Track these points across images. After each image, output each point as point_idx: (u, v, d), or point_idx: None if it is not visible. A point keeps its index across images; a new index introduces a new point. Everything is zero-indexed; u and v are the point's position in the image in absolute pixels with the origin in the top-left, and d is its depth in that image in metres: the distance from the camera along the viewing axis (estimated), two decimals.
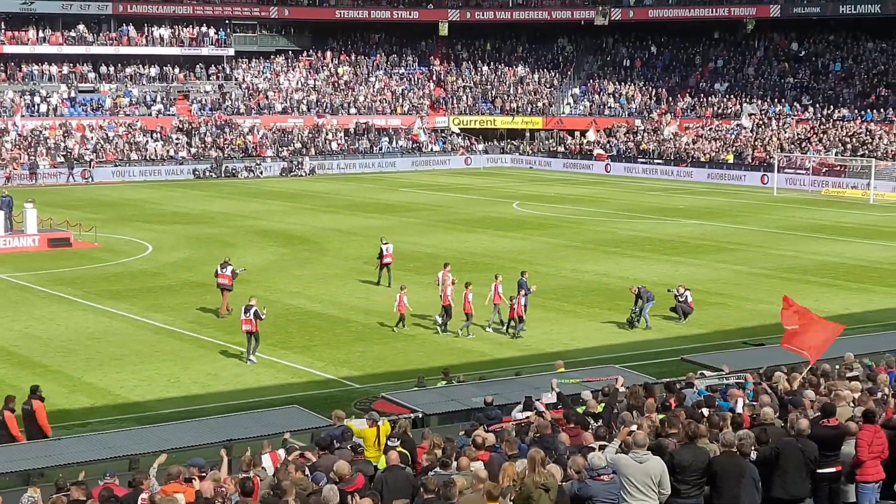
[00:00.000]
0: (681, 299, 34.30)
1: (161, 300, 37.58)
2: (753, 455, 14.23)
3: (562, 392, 20.22)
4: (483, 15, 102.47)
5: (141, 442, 19.78)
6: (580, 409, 18.84)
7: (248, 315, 29.63)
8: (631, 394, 19.00)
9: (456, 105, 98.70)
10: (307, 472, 15.34)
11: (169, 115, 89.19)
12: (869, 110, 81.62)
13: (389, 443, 16.75)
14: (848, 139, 77.70)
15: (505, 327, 33.30)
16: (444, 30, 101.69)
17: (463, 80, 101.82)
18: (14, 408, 21.82)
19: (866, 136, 77.73)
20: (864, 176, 70.26)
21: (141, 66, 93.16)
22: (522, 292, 33.06)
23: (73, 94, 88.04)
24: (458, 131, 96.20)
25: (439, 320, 33.54)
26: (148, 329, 33.57)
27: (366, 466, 15.74)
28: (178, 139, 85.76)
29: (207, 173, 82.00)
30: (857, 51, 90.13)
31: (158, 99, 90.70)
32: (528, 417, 18.68)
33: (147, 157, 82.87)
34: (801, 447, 14.31)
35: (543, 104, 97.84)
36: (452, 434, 17.88)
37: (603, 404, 19.25)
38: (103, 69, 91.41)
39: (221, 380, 28.06)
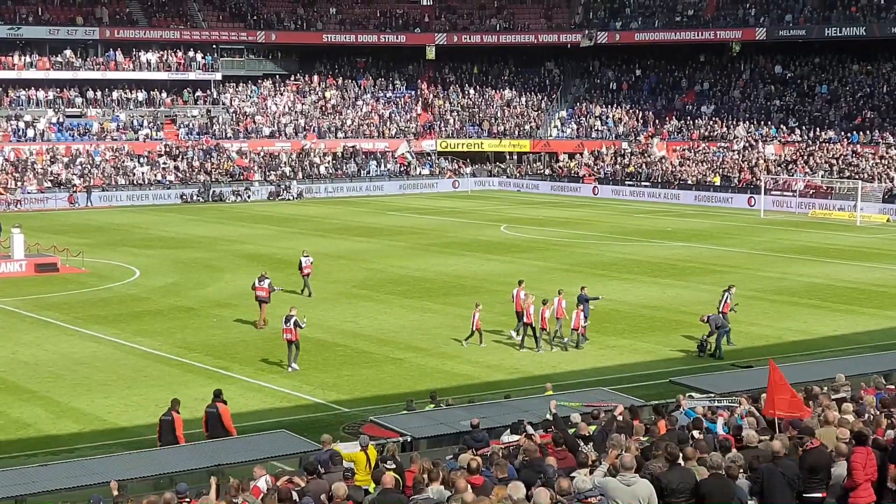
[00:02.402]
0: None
1: (148, 325, 37.49)
2: (743, 478, 14.22)
3: (558, 414, 20.22)
4: (470, 38, 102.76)
5: (129, 468, 19.71)
6: (571, 431, 18.83)
7: (288, 325, 31.07)
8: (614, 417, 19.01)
9: (443, 128, 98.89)
10: (295, 497, 15.28)
11: (156, 139, 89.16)
12: (855, 132, 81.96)
13: (383, 466, 16.71)
14: (834, 161, 78.01)
15: (552, 339, 34.22)
16: (431, 53, 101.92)
17: (450, 104, 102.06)
18: (179, 410, 23.20)
19: (853, 158, 78.05)
20: (850, 198, 70.50)
21: (128, 90, 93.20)
22: (581, 307, 34.21)
23: (60, 119, 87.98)
24: (431, 152, 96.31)
25: (514, 336, 34.39)
26: (135, 354, 33.48)
27: (356, 492, 15.68)
28: (165, 163, 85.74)
29: (195, 198, 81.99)
30: (842, 73, 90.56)
31: (146, 123, 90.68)
32: (517, 441, 18.66)
33: (134, 182, 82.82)
34: (781, 470, 14.29)
35: (531, 127, 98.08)
36: (441, 458, 17.85)
37: (594, 426, 19.25)
38: (90, 94, 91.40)
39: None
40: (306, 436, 22.26)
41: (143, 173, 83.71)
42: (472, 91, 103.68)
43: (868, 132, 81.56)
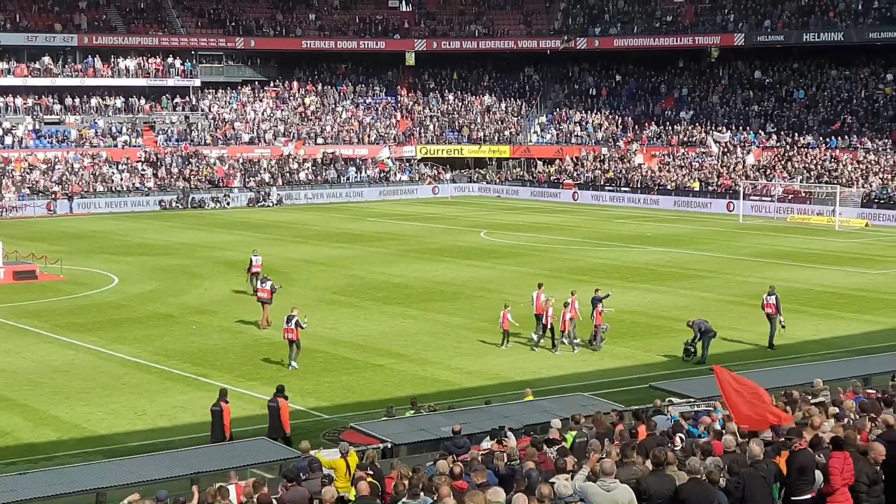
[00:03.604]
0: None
1: (127, 332, 37.35)
2: (723, 483, 14.22)
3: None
4: (449, 45, 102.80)
5: (108, 476, 19.63)
6: (545, 438, 18.84)
7: (290, 324, 31.86)
8: (595, 421, 19.01)
9: (423, 134, 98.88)
10: None
11: (135, 146, 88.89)
12: (833, 137, 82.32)
13: (359, 473, 16.67)
14: (813, 166, 78.30)
15: (570, 340, 34.59)
16: (410, 60, 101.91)
17: (430, 110, 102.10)
18: (228, 400, 24.20)
19: (831, 163, 78.37)
20: (829, 203, 70.77)
21: (106, 97, 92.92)
22: (599, 308, 34.75)
23: (38, 127, 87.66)
24: (411, 158, 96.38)
25: (535, 338, 34.90)
26: (114, 361, 33.35)
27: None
28: (143, 170, 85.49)
29: (174, 204, 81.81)
30: (820, 79, 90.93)
31: (124, 130, 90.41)
32: (489, 447, 18.68)
33: (112, 189, 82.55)
34: (762, 474, 14.30)
35: (510, 133, 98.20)
36: (421, 464, 17.81)
37: (574, 432, 19.25)
38: (69, 101, 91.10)
39: (188, 412, 27.87)
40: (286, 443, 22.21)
41: (121, 180, 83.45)
42: (451, 97, 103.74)
43: (846, 137, 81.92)
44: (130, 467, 20.27)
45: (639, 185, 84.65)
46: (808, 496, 14.72)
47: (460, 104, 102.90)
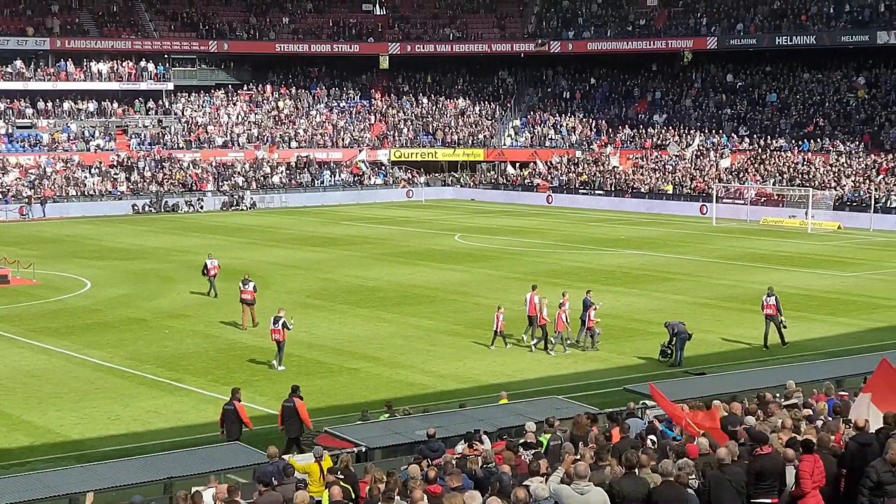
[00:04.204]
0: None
1: (100, 337, 37.19)
2: (696, 485, 14.27)
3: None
4: (423, 48, 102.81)
5: (81, 481, 19.51)
6: (520, 441, 18.85)
7: (276, 325, 32.43)
8: (574, 424, 19.01)
9: (397, 138, 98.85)
10: None
11: (108, 150, 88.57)
12: (805, 140, 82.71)
13: (332, 477, 16.64)
14: (785, 169, 78.65)
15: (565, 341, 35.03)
16: (384, 63, 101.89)
17: (404, 113, 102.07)
18: (241, 398, 24.73)
19: (803, 165, 78.74)
20: (801, 205, 71.10)
21: (79, 101, 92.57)
22: (593, 308, 35.01)
23: (10, 131, 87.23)
24: (385, 162, 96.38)
25: (525, 339, 35.38)
26: (87, 366, 33.20)
27: None
28: (116, 174, 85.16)
29: (147, 208, 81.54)
30: (792, 82, 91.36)
31: (97, 134, 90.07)
32: (461, 452, 18.69)
33: (85, 193, 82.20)
34: (728, 478, 14.34)
35: (485, 136, 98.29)
36: (396, 468, 17.80)
37: (548, 434, 19.27)
38: (41, 104, 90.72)
39: (162, 417, 27.78)
40: (260, 447, 22.11)
41: (94, 184, 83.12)
42: (425, 100, 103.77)
43: (818, 140, 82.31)
44: (103, 472, 20.16)
45: (612, 188, 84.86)
46: (770, 501, 14.75)
47: (434, 107, 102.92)
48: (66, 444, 25.70)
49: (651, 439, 17.84)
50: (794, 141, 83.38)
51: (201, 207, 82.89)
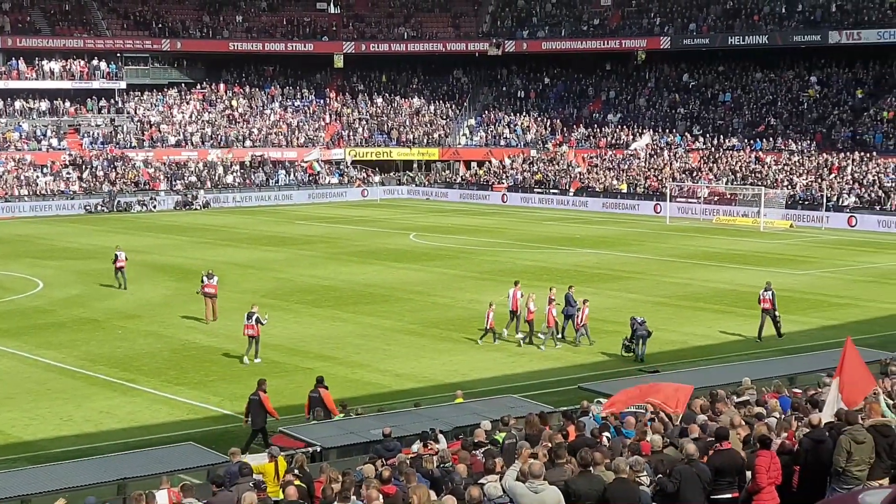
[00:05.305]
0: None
1: (52, 337, 36.89)
2: (647, 481, 14.33)
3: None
4: (378, 47, 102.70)
5: (33, 482, 19.39)
6: (470, 439, 18.87)
7: (250, 321, 32.92)
8: (527, 423, 19.04)
9: (352, 137, 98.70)
10: None
11: (60, 149, 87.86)
12: (758, 139, 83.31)
13: (288, 477, 16.59)
14: (738, 168, 79.19)
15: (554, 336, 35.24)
16: (339, 62, 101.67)
17: (359, 112, 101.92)
18: (266, 389, 25.24)
19: (756, 164, 79.30)
20: (754, 204, 71.58)
21: (31, 99, 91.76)
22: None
23: None
24: (340, 161, 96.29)
25: (507, 333, 35.68)
26: (39, 367, 32.92)
27: None
28: (69, 174, 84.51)
29: (99, 208, 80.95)
30: (745, 81, 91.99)
31: (49, 133, 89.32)
32: (416, 451, 18.69)
33: (37, 192, 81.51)
34: (696, 472, 14.44)
35: (440, 135, 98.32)
36: (351, 467, 17.77)
37: (503, 433, 19.30)
38: None
39: (115, 417, 27.59)
40: (214, 448, 22.04)
41: (46, 183, 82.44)
42: (380, 99, 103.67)
43: (771, 139, 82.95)
44: (56, 473, 20.04)
45: (567, 187, 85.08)
46: (729, 495, 14.86)
47: (389, 106, 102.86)
48: (17, 445, 25.49)
49: (606, 437, 17.90)
50: (746, 140, 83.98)
51: (154, 207, 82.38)
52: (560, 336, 35.60)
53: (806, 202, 72.50)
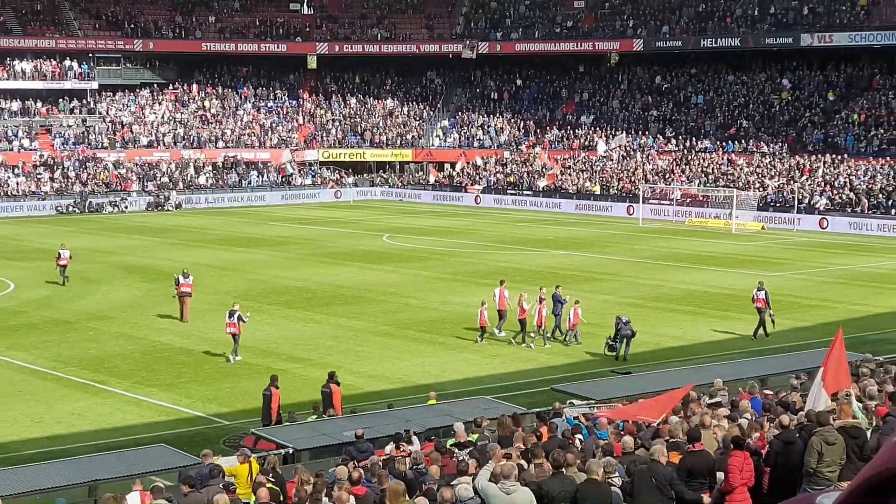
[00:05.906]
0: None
1: (23, 339, 36.68)
2: (619, 482, 14.36)
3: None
4: (352, 48, 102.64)
5: (3, 484, 19.26)
6: (450, 442, 18.85)
7: (232, 319, 33.12)
8: (500, 424, 19.05)
9: (325, 138, 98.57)
10: None
11: (31, 149, 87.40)
12: (730, 141, 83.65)
13: (259, 479, 16.55)
14: (710, 170, 79.49)
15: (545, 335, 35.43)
16: (312, 63, 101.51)
17: (332, 114, 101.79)
18: (279, 385, 25.76)
19: (728, 166, 79.62)
20: (726, 206, 71.86)
21: (2, 100, 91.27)
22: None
23: None
24: (314, 162, 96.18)
25: (497, 333, 35.97)
26: (10, 368, 32.72)
27: None
28: (40, 174, 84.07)
29: (71, 209, 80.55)
30: (717, 84, 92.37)
31: (20, 133, 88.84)
32: (388, 453, 18.68)
33: (8, 193, 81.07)
34: (651, 473, 14.45)
35: (413, 136, 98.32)
36: (324, 469, 17.74)
37: (476, 434, 19.31)
38: None
39: (86, 419, 27.45)
40: (186, 450, 21.95)
41: (17, 184, 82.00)
42: (353, 101, 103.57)
43: (743, 141, 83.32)
44: (27, 475, 19.92)
45: (541, 189, 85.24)
46: (702, 495, 14.91)
47: (362, 108, 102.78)
48: None
49: (579, 438, 17.93)
50: (718, 142, 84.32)
51: (126, 208, 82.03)
52: (550, 336, 35.62)
53: (778, 204, 72.80)
